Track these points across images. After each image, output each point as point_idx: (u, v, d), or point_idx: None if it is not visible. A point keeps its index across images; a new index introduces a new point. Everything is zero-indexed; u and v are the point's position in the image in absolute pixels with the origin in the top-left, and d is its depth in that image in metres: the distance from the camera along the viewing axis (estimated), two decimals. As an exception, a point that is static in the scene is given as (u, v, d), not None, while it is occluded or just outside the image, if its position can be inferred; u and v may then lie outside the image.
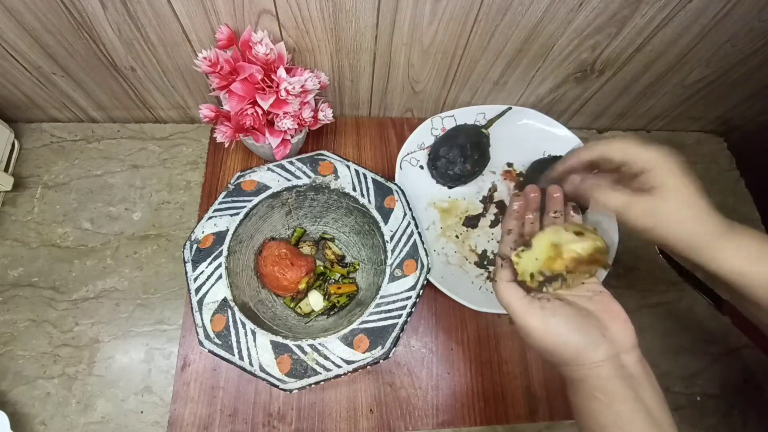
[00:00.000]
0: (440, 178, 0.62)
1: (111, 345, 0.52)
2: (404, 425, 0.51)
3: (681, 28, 0.53)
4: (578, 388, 0.34)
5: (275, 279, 0.50)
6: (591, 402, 0.33)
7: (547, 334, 0.33)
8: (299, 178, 0.50)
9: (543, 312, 0.34)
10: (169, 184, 0.61)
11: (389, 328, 0.42)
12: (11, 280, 0.54)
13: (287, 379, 0.40)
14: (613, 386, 0.32)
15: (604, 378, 0.32)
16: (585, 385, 0.33)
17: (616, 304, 0.36)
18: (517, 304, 0.35)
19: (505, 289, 0.36)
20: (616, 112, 0.71)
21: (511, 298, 0.35)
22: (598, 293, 0.36)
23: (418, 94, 0.64)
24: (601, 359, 0.32)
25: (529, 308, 0.34)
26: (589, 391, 0.33)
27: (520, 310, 0.34)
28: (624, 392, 0.32)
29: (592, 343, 0.33)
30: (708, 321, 0.61)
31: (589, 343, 0.33)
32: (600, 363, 0.32)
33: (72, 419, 0.49)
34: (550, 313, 0.34)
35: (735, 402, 0.57)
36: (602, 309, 0.35)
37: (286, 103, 0.50)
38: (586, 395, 0.33)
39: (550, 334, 0.33)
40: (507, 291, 0.36)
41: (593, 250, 0.35)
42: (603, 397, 0.32)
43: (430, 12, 0.49)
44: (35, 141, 0.63)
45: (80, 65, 0.54)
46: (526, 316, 0.34)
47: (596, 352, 0.33)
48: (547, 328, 0.33)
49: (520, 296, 0.35)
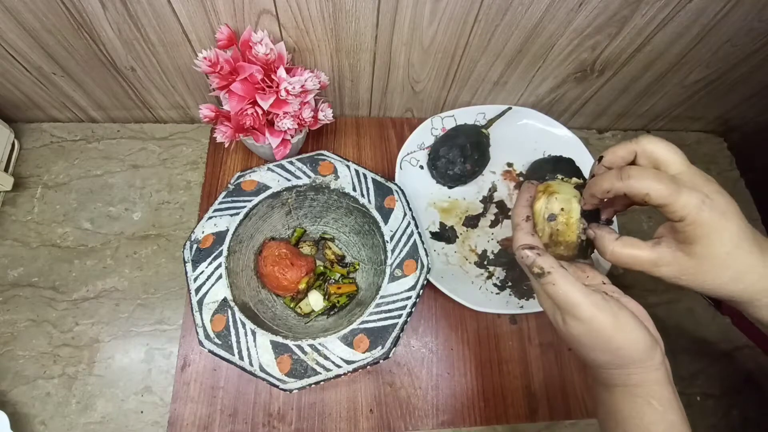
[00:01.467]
0: (440, 178, 0.62)
1: (111, 345, 0.52)
2: (404, 425, 0.51)
3: (681, 28, 0.53)
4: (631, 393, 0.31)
5: (275, 279, 0.50)
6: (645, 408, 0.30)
7: (618, 330, 0.30)
8: (299, 178, 0.50)
9: (609, 305, 0.30)
10: (169, 184, 0.62)
11: (389, 328, 0.42)
12: (11, 280, 0.54)
13: (287, 379, 0.40)
14: (668, 394, 0.30)
15: (661, 383, 0.30)
16: (641, 390, 0.31)
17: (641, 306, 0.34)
18: (581, 294, 0.30)
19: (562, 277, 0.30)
20: (616, 112, 0.71)
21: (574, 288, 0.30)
22: (622, 295, 0.34)
23: (418, 94, 0.64)
24: (659, 361, 0.31)
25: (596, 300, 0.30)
26: (645, 398, 0.30)
27: (588, 302, 0.30)
28: (676, 401, 0.30)
29: (654, 343, 0.31)
30: (708, 321, 0.61)
31: (652, 343, 0.30)
32: (658, 366, 0.31)
33: (72, 419, 0.49)
34: (616, 307, 0.30)
35: (735, 402, 0.57)
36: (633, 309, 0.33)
37: (286, 103, 0.50)
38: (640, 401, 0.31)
39: (620, 330, 0.30)
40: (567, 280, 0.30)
41: None
42: (659, 404, 0.30)
43: (430, 12, 0.49)
44: (35, 141, 0.63)
45: (80, 65, 0.54)
46: (596, 309, 0.30)
47: (656, 354, 0.31)
48: (618, 322, 0.30)
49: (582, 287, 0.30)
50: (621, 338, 0.30)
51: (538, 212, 0.34)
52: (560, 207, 0.33)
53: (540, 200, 0.34)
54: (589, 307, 0.30)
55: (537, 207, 0.35)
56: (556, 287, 0.31)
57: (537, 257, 0.32)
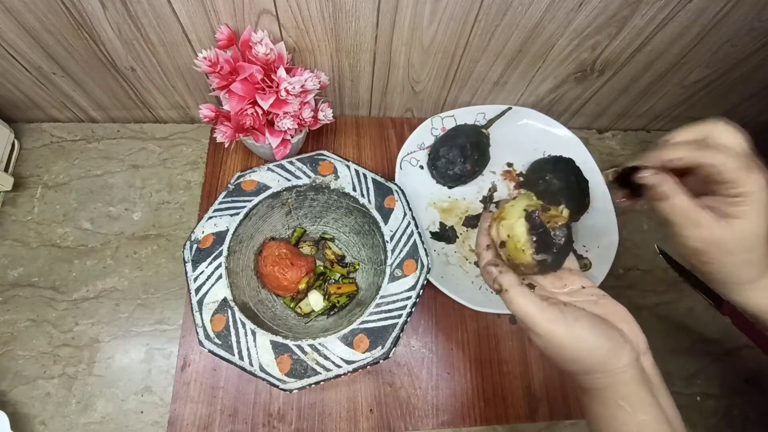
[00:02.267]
0: (440, 178, 0.62)
1: (111, 345, 0.52)
2: (404, 425, 0.51)
3: (681, 28, 0.53)
4: (601, 396, 0.32)
5: (275, 279, 0.50)
6: (616, 411, 0.31)
7: (573, 340, 0.31)
8: (299, 178, 0.50)
9: (564, 317, 0.31)
10: (169, 184, 0.62)
11: (389, 328, 0.42)
12: (11, 280, 0.54)
13: (287, 379, 0.40)
14: (638, 394, 0.31)
15: (629, 384, 0.31)
16: (609, 393, 0.31)
17: (621, 306, 0.35)
18: (536, 310, 0.31)
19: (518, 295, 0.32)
20: (616, 112, 0.71)
21: (528, 305, 0.32)
22: (601, 297, 0.35)
23: (418, 94, 0.64)
24: (625, 364, 0.31)
25: (551, 314, 0.31)
26: (614, 400, 0.31)
27: (542, 317, 0.31)
28: (648, 400, 0.31)
29: (617, 346, 0.31)
30: (708, 321, 0.61)
31: (614, 347, 0.31)
32: (625, 368, 0.31)
33: (72, 419, 0.49)
34: (572, 318, 0.31)
35: (735, 402, 0.57)
36: (610, 312, 0.34)
37: (286, 103, 0.50)
38: (611, 404, 0.31)
39: (576, 341, 0.31)
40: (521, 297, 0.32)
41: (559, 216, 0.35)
42: (628, 406, 0.31)
43: (430, 12, 0.49)
44: (35, 141, 0.63)
45: (80, 65, 0.54)
46: (549, 323, 0.31)
47: (621, 357, 0.31)
48: (573, 334, 0.31)
49: (538, 302, 0.32)
50: (575, 347, 0.31)
51: (494, 239, 0.37)
52: (506, 234, 0.35)
53: (493, 228, 0.37)
54: (543, 322, 0.31)
55: (492, 234, 0.37)
56: (513, 304, 0.32)
57: (498, 274, 0.34)
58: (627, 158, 0.73)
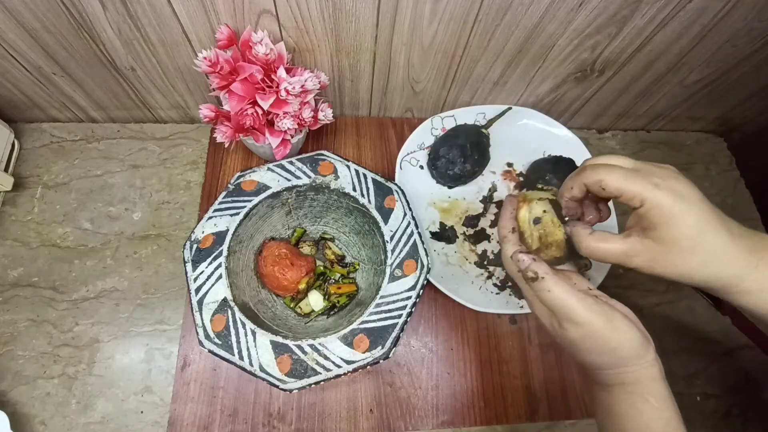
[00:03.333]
0: (440, 178, 0.62)
1: (111, 345, 0.52)
2: (404, 425, 0.51)
3: (681, 28, 0.53)
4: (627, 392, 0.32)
5: (275, 279, 0.50)
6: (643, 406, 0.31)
7: (613, 330, 0.30)
8: (299, 178, 0.50)
9: (602, 307, 0.31)
10: (169, 184, 0.62)
11: (389, 328, 0.42)
12: (11, 280, 0.54)
13: (287, 379, 0.40)
14: (663, 390, 0.31)
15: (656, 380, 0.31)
16: (637, 388, 0.31)
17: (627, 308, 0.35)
18: (576, 299, 0.30)
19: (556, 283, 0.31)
20: (616, 112, 0.71)
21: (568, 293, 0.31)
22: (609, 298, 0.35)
23: (418, 94, 0.64)
24: (653, 358, 0.31)
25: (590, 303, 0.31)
26: (641, 395, 0.31)
27: (582, 305, 0.30)
28: (670, 397, 0.31)
29: (646, 340, 0.31)
30: (708, 321, 0.61)
31: (645, 341, 0.31)
32: (653, 362, 0.31)
33: (72, 419, 0.49)
34: (609, 309, 0.31)
35: (735, 402, 0.57)
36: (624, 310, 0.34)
37: (286, 103, 0.50)
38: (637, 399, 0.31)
39: (616, 331, 0.31)
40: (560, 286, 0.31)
41: None
42: (656, 401, 0.31)
43: (430, 12, 0.49)
44: (35, 141, 0.63)
45: (80, 65, 0.54)
46: (590, 312, 0.30)
47: (649, 351, 0.31)
48: (613, 324, 0.31)
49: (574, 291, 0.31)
50: (617, 338, 0.31)
51: (523, 220, 0.36)
52: (542, 209, 0.35)
53: (523, 209, 0.36)
54: (585, 311, 0.30)
55: (521, 216, 0.36)
56: (551, 293, 0.31)
57: (532, 262, 0.33)
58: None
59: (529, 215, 0.36)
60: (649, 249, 0.30)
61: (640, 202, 0.29)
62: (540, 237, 0.35)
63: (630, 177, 0.29)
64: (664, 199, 0.29)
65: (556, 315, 0.32)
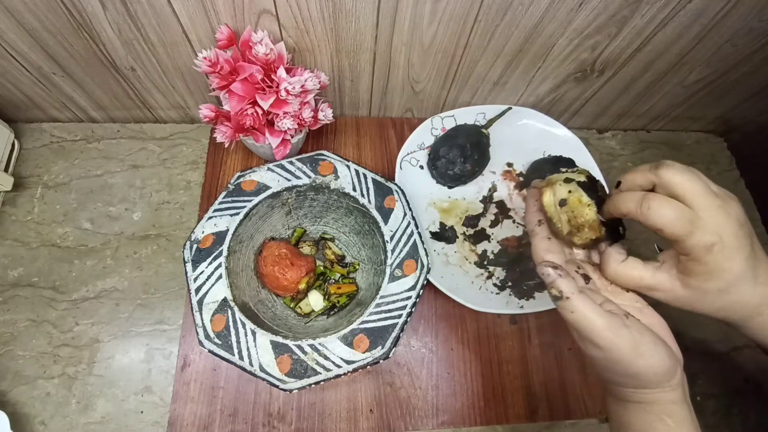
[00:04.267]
0: (440, 178, 0.62)
1: (111, 345, 0.52)
2: (404, 425, 0.51)
3: (681, 28, 0.53)
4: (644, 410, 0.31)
5: (275, 279, 0.50)
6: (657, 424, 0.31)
7: (637, 357, 0.29)
8: (299, 178, 0.50)
9: (630, 331, 0.29)
10: (169, 184, 0.62)
11: (389, 328, 0.42)
12: (11, 280, 0.54)
13: (287, 379, 0.40)
14: (682, 412, 0.31)
15: (676, 403, 0.31)
16: (655, 408, 0.31)
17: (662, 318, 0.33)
18: (602, 322, 0.29)
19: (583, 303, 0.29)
20: (616, 112, 0.71)
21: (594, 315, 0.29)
22: (645, 306, 0.34)
23: (418, 94, 0.64)
24: (677, 382, 0.31)
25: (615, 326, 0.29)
26: (657, 414, 0.31)
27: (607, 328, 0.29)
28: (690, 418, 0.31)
29: (674, 365, 0.30)
30: (708, 321, 0.60)
31: (672, 366, 0.30)
32: (676, 386, 0.31)
33: (72, 419, 0.49)
34: (637, 333, 0.30)
35: (735, 402, 0.57)
36: (655, 324, 0.32)
37: (286, 103, 0.50)
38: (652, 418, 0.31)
39: (640, 358, 0.29)
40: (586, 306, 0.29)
41: None
42: (672, 421, 0.30)
43: (430, 12, 0.49)
44: (35, 141, 0.63)
45: (80, 65, 0.54)
46: (615, 336, 0.29)
47: (675, 375, 0.31)
48: (638, 350, 0.29)
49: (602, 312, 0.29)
50: (641, 365, 0.29)
51: (549, 205, 0.34)
52: (567, 190, 0.33)
53: (546, 194, 0.34)
54: (608, 335, 0.29)
55: (546, 201, 0.34)
56: (574, 314, 0.30)
57: (558, 278, 0.31)
58: (627, 158, 0.73)
59: (553, 198, 0.34)
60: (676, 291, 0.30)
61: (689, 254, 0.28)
62: (569, 220, 0.33)
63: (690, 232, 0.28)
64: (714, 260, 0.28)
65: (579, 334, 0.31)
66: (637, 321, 0.31)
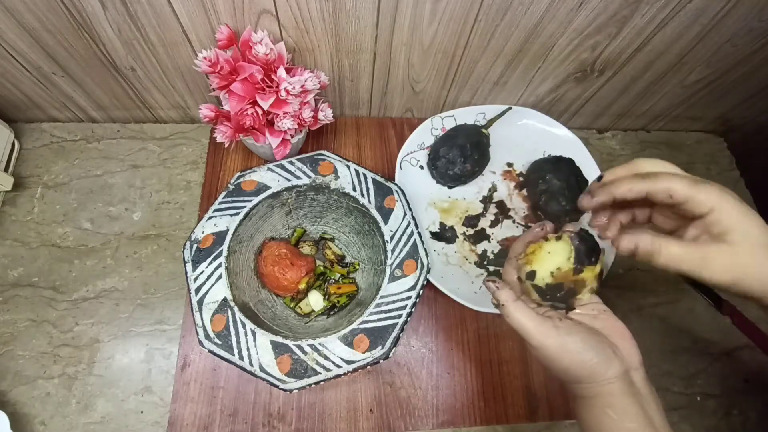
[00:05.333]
0: (440, 178, 0.62)
1: (111, 345, 0.52)
2: (404, 425, 0.51)
3: (681, 28, 0.53)
4: (589, 404, 0.34)
5: (275, 279, 0.50)
6: (602, 418, 0.33)
7: (564, 353, 0.33)
8: (299, 178, 0.50)
9: (558, 332, 0.33)
10: (169, 184, 0.62)
11: (389, 328, 0.42)
12: (11, 280, 0.54)
13: (287, 379, 0.40)
14: (623, 403, 0.32)
15: (615, 395, 0.33)
16: (597, 402, 0.33)
17: (620, 322, 0.36)
18: (532, 325, 0.33)
19: (516, 310, 0.34)
20: (616, 112, 0.71)
21: (526, 319, 0.34)
22: (602, 312, 0.37)
23: (418, 94, 0.64)
24: (613, 376, 0.33)
25: (545, 329, 0.33)
26: (601, 408, 0.33)
27: (537, 331, 0.33)
28: (634, 409, 0.32)
29: (606, 360, 0.33)
30: (708, 321, 0.61)
31: (603, 361, 0.33)
32: (612, 380, 0.33)
33: (72, 419, 0.49)
34: (565, 332, 0.33)
35: (735, 402, 0.57)
36: (609, 327, 0.35)
37: (286, 103, 0.50)
38: (597, 412, 0.33)
39: (567, 354, 0.33)
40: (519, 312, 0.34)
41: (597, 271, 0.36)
42: (614, 414, 0.32)
43: (430, 12, 0.49)
44: (35, 141, 0.63)
45: (80, 65, 0.54)
46: (543, 337, 0.33)
47: (609, 369, 0.33)
48: (565, 348, 0.33)
49: (533, 316, 0.34)
50: (567, 360, 0.33)
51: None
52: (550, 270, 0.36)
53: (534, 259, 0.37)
54: (537, 336, 0.33)
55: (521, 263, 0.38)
56: (510, 318, 0.35)
57: (497, 290, 0.36)
58: (627, 158, 0.73)
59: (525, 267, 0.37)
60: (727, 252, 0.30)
61: (710, 208, 0.30)
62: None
63: (697, 184, 0.30)
64: (732, 204, 0.30)
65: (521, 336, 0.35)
66: (571, 324, 0.34)
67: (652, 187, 0.31)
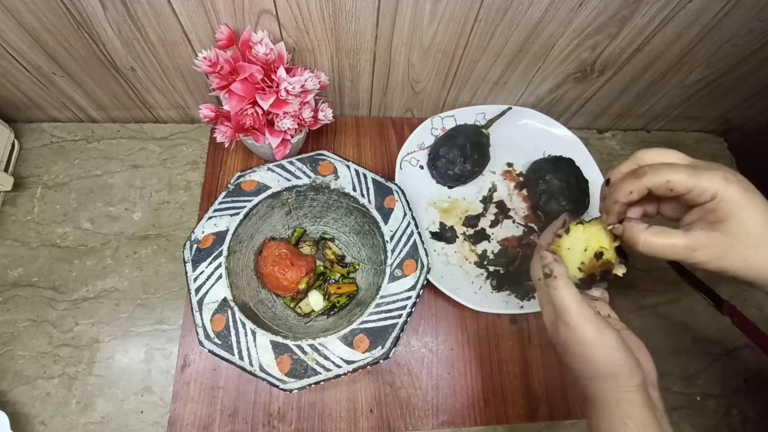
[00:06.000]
0: (440, 178, 0.62)
1: (111, 345, 0.52)
2: (404, 425, 0.51)
3: (681, 28, 0.53)
4: (608, 411, 0.33)
5: (275, 279, 0.50)
6: (620, 426, 0.32)
7: (598, 343, 0.32)
8: (299, 178, 0.50)
9: (597, 320, 0.32)
10: (169, 184, 0.62)
11: (389, 328, 0.42)
12: (11, 280, 0.54)
13: (287, 379, 0.40)
14: (644, 416, 0.32)
15: (636, 405, 0.32)
16: (617, 408, 0.32)
17: (640, 341, 0.36)
18: (576, 305, 0.33)
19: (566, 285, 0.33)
20: (616, 112, 0.71)
21: (572, 297, 0.33)
22: (624, 328, 0.36)
23: (418, 94, 0.64)
24: (636, 384, 0.32)
25: (586, 311, 0.32)
26: (620, 416, 0.32)
27: (578, 312, 0.32)
28: (652, 422, 0.32)
29: (634, 367, 0.33)
30: (708, 321, 0.61)
31: (631, 366, 0.32)
32: (635, 388, 0.32)
33: (72, 419, 0.49)
34: (604, 324, 0.33)
35: (735, 402, 0.57)
36: (631, 342, 0.35)
37: (286, 103, 0.50)
38: (616, 419, 0.32)
39: (600, 345, 0.32)
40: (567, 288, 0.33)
41: None
42: (633, 424, 0.32)
43: (430, 12, 0.49)
44: (35, 141, 0.63)
45: (80, 65, 0.54)
46: (582, 319, 0.32)
47: (633, 377, 0.32)
48: (601, 337, 0.32)
49: (579, 298, 0.33)
50: (599, 351, 0.32)
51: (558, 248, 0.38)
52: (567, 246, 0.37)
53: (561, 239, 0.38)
54: (578, 317, 0.32)
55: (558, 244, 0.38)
56: (557, 291, 0.34)
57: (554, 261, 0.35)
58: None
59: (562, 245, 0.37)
60: (717, 242, 0.29)
61: (711, 196, 0.29)
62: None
63: (698, 172, 0.29)
64: (736, 191, 0.29)
65: (556, 313, 0.34)
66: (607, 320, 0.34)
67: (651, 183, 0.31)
